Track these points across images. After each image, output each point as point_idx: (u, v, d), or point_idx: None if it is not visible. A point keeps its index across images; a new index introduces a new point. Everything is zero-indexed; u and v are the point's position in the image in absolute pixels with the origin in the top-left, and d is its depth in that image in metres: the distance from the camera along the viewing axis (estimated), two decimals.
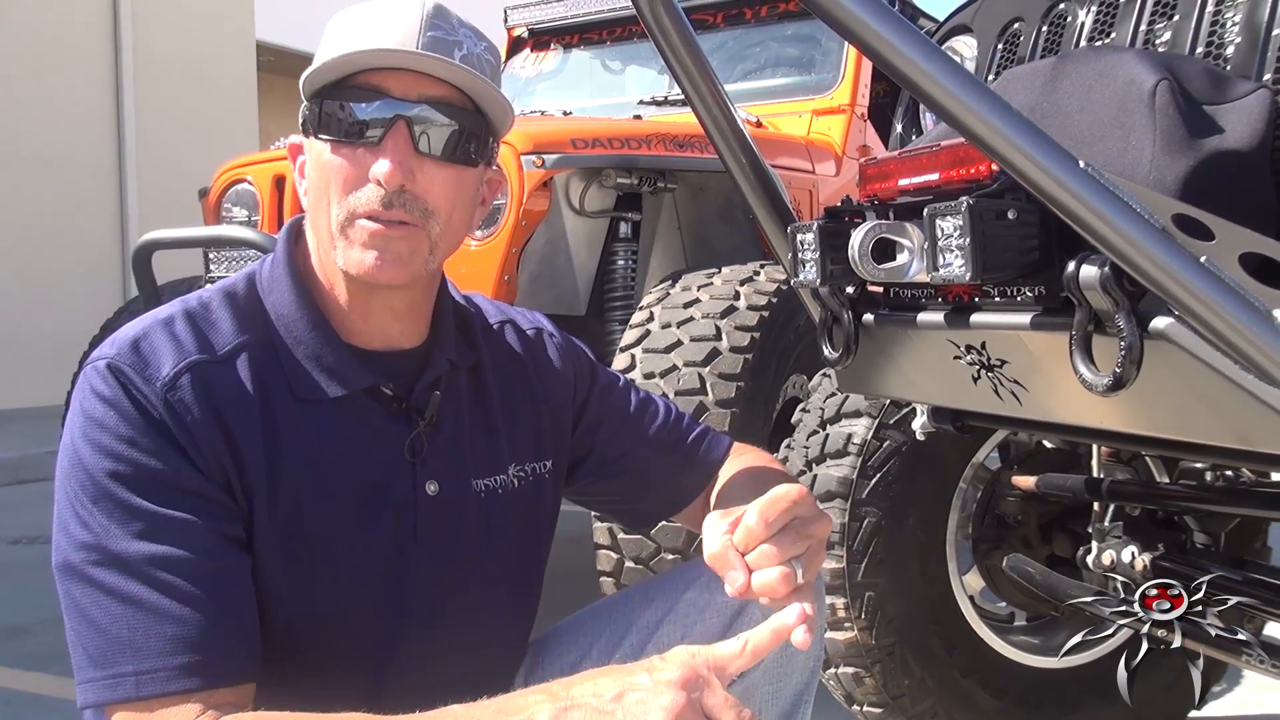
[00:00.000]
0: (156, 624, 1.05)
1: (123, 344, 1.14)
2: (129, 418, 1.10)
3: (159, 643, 1.05)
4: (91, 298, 8.52)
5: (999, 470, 2.36)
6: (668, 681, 0.95)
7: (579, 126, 3.43)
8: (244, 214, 3.57)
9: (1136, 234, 1.04)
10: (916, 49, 1.06)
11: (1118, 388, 1.16)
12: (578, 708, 0.96)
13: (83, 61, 9.06)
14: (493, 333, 1.39)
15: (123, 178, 9.36)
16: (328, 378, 1.19)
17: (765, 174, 1.62)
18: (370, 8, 1.19)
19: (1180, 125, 1.23)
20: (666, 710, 0.93)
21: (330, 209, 1.18)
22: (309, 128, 1.20)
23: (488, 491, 1.30)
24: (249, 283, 1.23)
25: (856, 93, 4.07)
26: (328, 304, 1.23)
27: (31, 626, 3.42)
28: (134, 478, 1.08)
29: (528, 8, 4.83)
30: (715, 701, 0.96)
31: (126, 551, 1.06)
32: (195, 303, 1.21)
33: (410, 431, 1.24)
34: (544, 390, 1.39)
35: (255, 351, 1.18)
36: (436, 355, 1.28)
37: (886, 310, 1.58)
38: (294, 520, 1.16)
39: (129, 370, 1.11)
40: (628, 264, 3.36)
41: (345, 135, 1.17)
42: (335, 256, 1.18)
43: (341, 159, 1.17)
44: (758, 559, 1.14)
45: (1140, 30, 1.49)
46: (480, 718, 1.00)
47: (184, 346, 1.15)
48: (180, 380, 1.12)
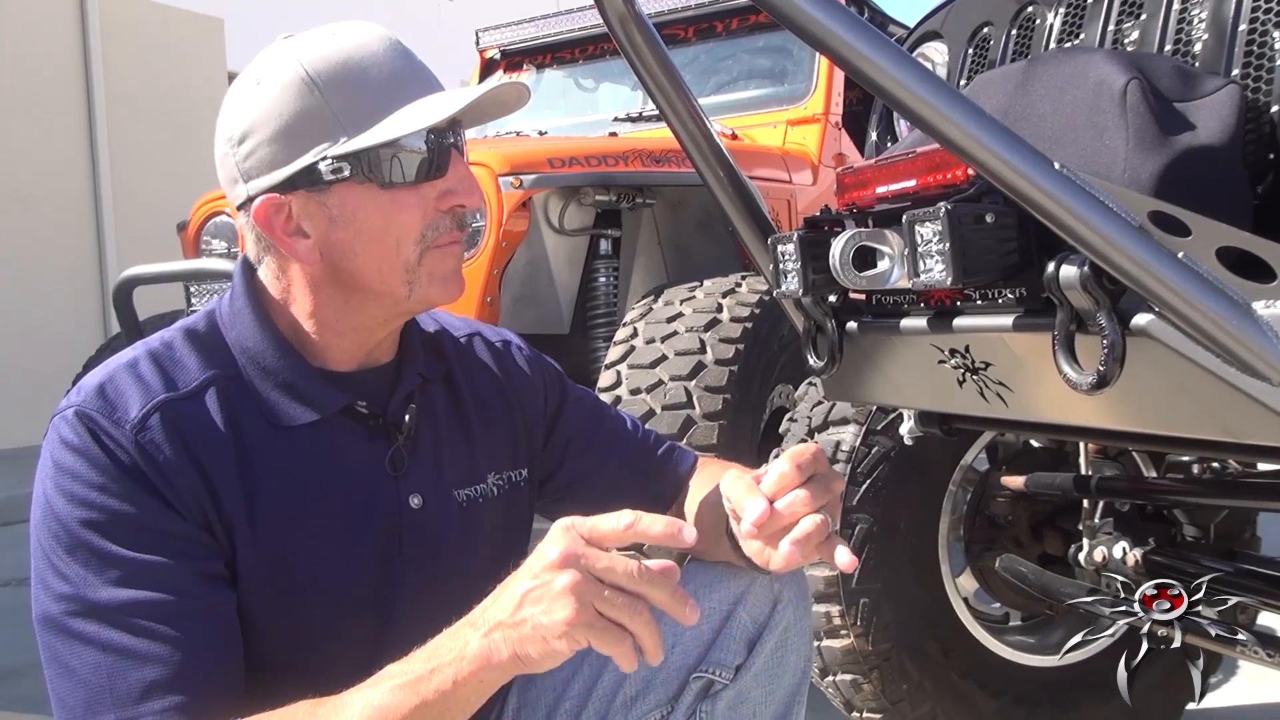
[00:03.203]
0: (136, 669, 1.05)
1: (88, 391, 1.13)
2: (99, 464, 1.09)
3: (140, 688, 1.05)
4: (72, 335, 8.47)
5: (988, 471, 2.36)
6: (552, 565, 0.98)
7: (555, 146, 3.44)
8: (223, 246, 3.57)
9: (1114, 233, 1.05)
10: (888, 57, 1.06)
11: (1102, 386, 1.17)
12: (496, 628, 1.00)
13: (55, 98, 9.03)
14: (461, 345, 1.40)
15: (99, 213, 9.32)
16: (300, 404, 1.19)
17: (743, 186, 1.63)
18: (341, 52, 1.16)
19: (1152, 123, 1.25)
20: (563, 592, 0.97)
21: (398, 250, 1.17)
22: (339, 182, 1.15)
23: (469, 501, 1.30)
24: (209, 319, 1.22)
25: (830, 101, 4.09)
26: (296, 333, 1.22)
27: (24, 669, 3.40)
28: (108, 525, 1.07)
29: (499, 29, 4.84)
30: (604, 565, 0.98)
31: (104, 600, 1.06)
32: (157, 343, 1.20)
33: (389, 447, 1.24)
34: (517, 399, 1.40)
35: (223, 385, 1.17)
36: (406, 370, 1.28)
37: (870, 317, 1.59)
38: (277, 547, 1.15)
39: (97, 416, 1.10)
40: (609, 281, 3.37)
41: (411, 177, 1.16)
42: (405, 294, 1.19)
43: (405, 200, 1.16)
44: (791, 504, 1.13)
45: (1108, 30, 1.50)
46: (415, 669, 1.02)
47: (150, 387, 1.14)
48: (150, 420, 1.11)
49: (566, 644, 0.98)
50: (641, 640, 0.99)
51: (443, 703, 1.01)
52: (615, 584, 0.98)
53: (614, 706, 1.31)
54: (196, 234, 3.66)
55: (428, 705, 1.01)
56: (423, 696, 1.01)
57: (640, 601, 0.99)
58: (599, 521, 1.02)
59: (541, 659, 0.99)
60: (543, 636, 0.98)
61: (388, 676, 1.03)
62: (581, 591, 0.97)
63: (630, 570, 0.98)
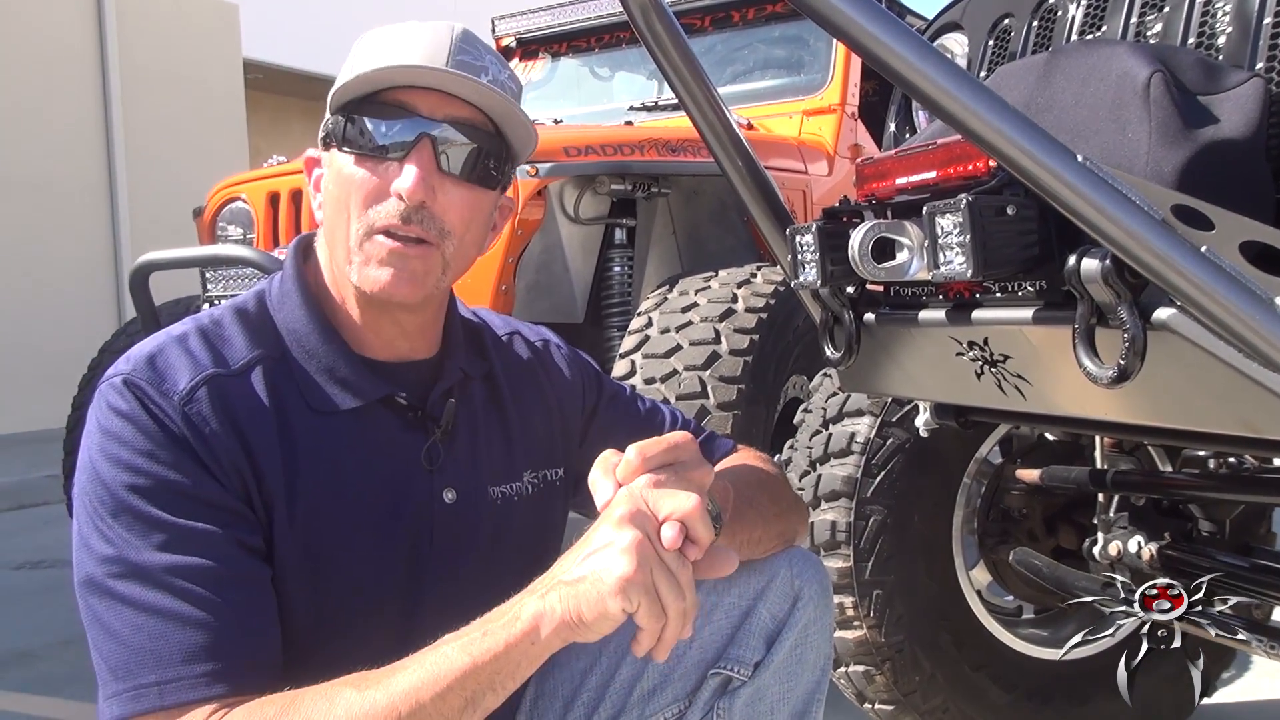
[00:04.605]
0: (178, 632, 1.06)
1: (138, 360, 1.15)
2: (147, 431, 1.10)
3: (181, 651, 1.05)
4: (86, 320, 8.52)
5: (1002, 464, 2.36)
6: (620, 520, 1.01)
7: (571, 134, 3.43)
8: (239, 232, 3.58)
9: (1136, 226, 1.04)
10: (910, 47, 1.06)
11: (1122, 380, 1.17)
12: (554, 588, 1.02)
13: (70, 83, 9.06)
14: (502, 343, 1.41)
15: (114, 199, 9.35)
16: (341, 390, 1.20)
17: (761, 176, 1.63)
18: (402, 28, 1.21)
19: (1175, 116, 1.24)
20: (627, 549, 0.99)
21: (349, 223, 1.19)
22: (332, 141, 1.22)
23: (504, 499, 1.31)
24: (259, 300, 1.25)
25: (846, 92, 4.08)
26: (339, 318, 1.24)
27: (39, 651, 3.41)
28: (153, 490, 1.09)
29: (515, 17, 4.84)
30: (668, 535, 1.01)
31: (148, 563, 1.07)
32: (207, 320, 1.22)
33: (426, 441, 1.25)
34: (555, 397, 1.41)
35: (269, 365, 1.19)
36: (448, 365, 1.29)
37: (887, 309, 1.59)
38: (311, 530, 1.16)
39: (145, 385, 1.12)
40: (624, 270, 3.37)
41: (370, 150, 1.18)
42: (350, 272, 1.20)
43: (364, 173, 1.18)
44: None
45: (1131, 23, 1.50)
46: (469, 631, 1.04)
47: (199, 361, 1.15)
48: (197, 394, 1.13)
49: (620, 603, 0.98)
50: (669, 628, 1.01)
51: (493, 665, 1.02)
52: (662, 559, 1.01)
53: (630, 700, 1.31)
54: (212, 220, 3.67)
55: (479, 668, 1.01)
56: (474, 658, 1.01)
57: (682, 589, 1.01)
58: (657, 495, 1.05)
59: (594, 622, 1.00)
60: (599, 594, 0.99)
61: (442, 641, 1.05)
62: (644, 552, 0.99)
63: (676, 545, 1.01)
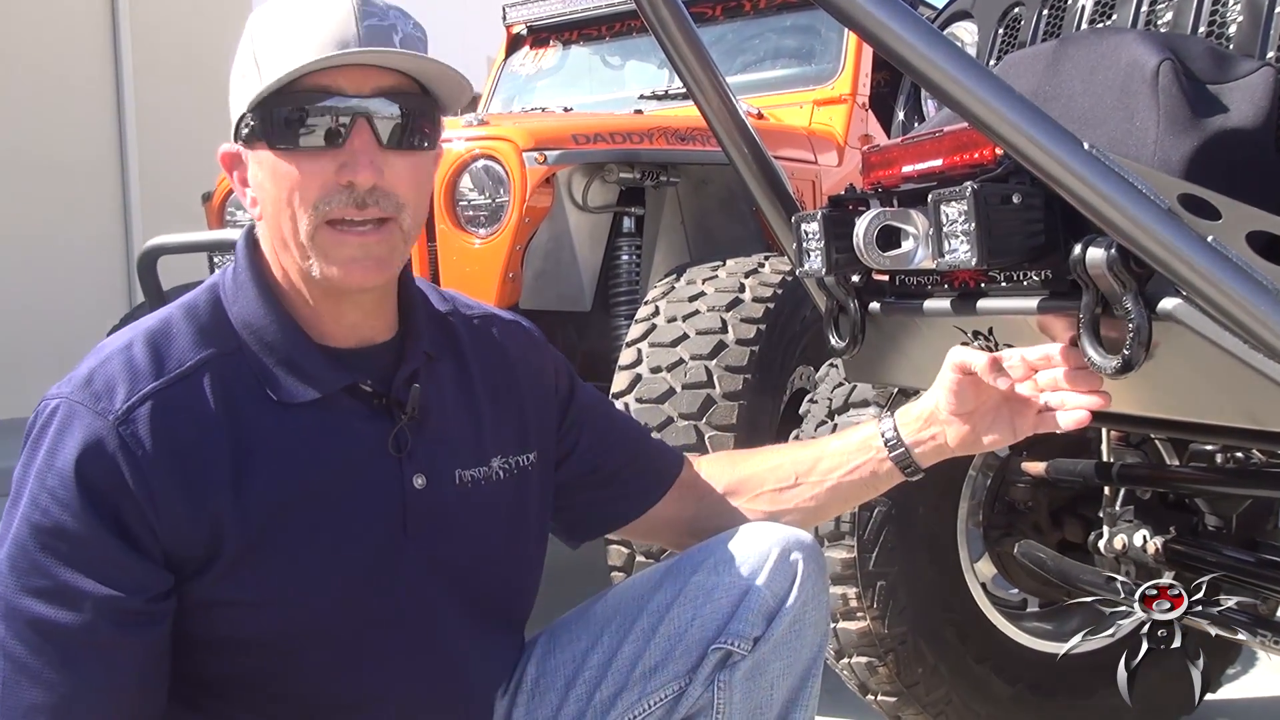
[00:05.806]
0: (28, 688, 1.06)
1: (77, 381, 1.12)
2: (61, 473, 1.08)
3: (23, 708, 1.06)
4: (96, 304, 8.50)
5: (1008, 456, 2.35)
6: None
7: (580, 122, 3.43)
8: (248, 217, 3.57)
9: (1143, 215, 1.04)
10: (919, 35, 1.06)
11: (1127, 370, 1.16)
12: None
13: (82, 67, 9.06)
14: (474, 326, 1.38)
15: (125, 183, 9.35)
16: (302, 381, 1.17)
17: (769, 165, 1.62)
18: (292, 6, 1.15)
19: (1184, 105, 1.23)
20: None
21: (296, 220, 1.14)
22: (254, 139, 1.16)
23: (472, 482, 1.28)
24: (211, 293, 1.22)
25: (857, 82, 4.06)
26: (297, 308, 1.21)
27: None
28: (50, 534, 1.07)
29: (526, 5, 4.82)
30: None
31: (19, 606, 1.06)
32: (155, 322, 1.19)
33: (393, 426, 1.22)
34: (527, 380, 1.38)
35: (221, 363, 1.16)
36: (411, 347, 1.26)
37: (893, 298, 1.58)
38: (276, 527, 1.14)
39: (81, 408, 1.10)
40: (632, 258, 3.36)
41: (305, 143, 1.13)
42: (310, 267, 1.16)
43: (304, 166, 1.13)
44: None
45: (1142, 11, 1.49)
46: None
47: (139, 374, 1.12)
48: (135, 413, 1.10)
49: None
50: None
51: None
52: None
53: (633, 677, 1.31)
54: (221, 205, 3.67)
55: None
56: None
57: None
58: None
59: None
60: None
61: None
62: None
63: None
